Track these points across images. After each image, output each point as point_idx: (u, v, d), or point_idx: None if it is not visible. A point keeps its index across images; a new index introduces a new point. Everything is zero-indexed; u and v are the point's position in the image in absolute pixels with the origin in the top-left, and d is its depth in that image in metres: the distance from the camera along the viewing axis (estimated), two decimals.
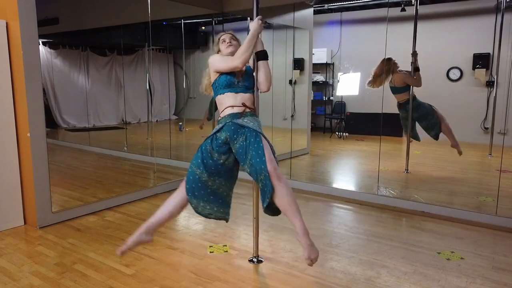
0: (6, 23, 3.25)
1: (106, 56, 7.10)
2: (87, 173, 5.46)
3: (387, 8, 4.79)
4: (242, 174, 5.00)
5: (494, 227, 3.42)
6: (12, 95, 3.33)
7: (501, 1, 4.56)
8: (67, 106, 6.50)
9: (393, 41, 4.44)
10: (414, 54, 4.66)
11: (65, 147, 6.71)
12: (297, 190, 4.58)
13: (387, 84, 4.87)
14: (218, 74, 2.51)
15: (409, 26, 4.78)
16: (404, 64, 4.80)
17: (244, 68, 2.51)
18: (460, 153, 4.69)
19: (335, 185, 4.81)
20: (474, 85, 5.13)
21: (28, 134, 3.27)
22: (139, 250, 2.95)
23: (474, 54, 4.98)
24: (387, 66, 4.78)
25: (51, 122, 6.30)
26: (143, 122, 7.36)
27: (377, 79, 4.85)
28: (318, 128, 7.09)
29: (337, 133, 6.85)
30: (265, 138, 2.34)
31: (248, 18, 5.43)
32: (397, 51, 4.74)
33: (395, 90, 4.84)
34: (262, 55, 2.51)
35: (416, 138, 4.94)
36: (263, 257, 2.82)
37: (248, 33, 2.44)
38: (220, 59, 2.52)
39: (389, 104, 4.77)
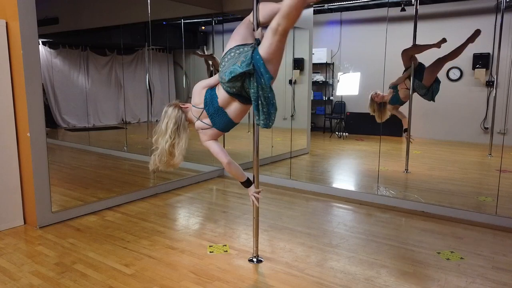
0: (6, 23, 3.25)
1: (106, 56, 7.11)
2: (87, 173, 5.46)
3: (387, 8, 4.79)
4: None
5: (494, 227, 3.42)
6: (12, 95, 3.33)
7: (501, 1, 4.55)
8: (67, 106, 6.51)
9: (393, 41, 4.45)
10: (413, 59, 4.66)
11: (65, 147, 6.72)
12: (297, 190, 4.58)
13: (385, 84, 4.87)
14: None
15: (409, 26, 4.78)
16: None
17: None
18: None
19: (335, 185, 4.80)
20: (474, 85, 5.12)
21: (28, 134, 3.27)
22: (139, 250, 2.95)
23: (474, 54, 4.97)
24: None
25: (51, 122, 6.30)
26: (143, 122, 7.35)
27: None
28: (318, 128, 7.09)
29: (337, 133, 6.85)
30: None
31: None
32: (397, 51, 4.74)
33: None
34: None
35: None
36: (263, 257, 2.82)
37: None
38: None
39: None
